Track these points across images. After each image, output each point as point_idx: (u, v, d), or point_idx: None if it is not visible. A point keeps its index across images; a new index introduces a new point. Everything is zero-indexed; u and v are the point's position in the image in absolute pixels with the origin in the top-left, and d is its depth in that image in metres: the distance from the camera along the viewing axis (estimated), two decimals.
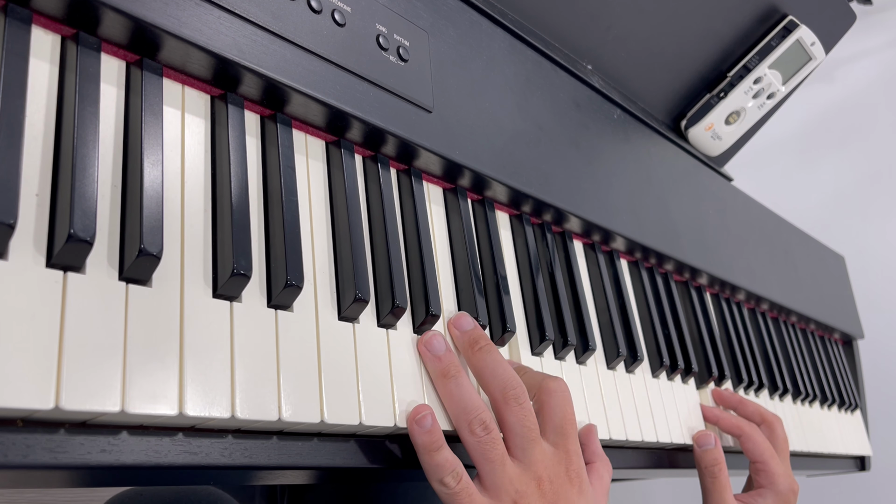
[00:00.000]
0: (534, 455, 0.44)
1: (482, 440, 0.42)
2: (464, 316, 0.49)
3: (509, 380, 0.45)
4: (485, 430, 0.43)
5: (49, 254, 0.31)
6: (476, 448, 0.43)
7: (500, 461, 0.43)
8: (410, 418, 0.42)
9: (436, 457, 0.41)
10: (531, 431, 0.44)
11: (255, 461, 0.37)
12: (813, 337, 1.07)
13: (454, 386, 0.44)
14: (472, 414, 0.43)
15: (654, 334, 0.69)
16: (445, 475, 0.41)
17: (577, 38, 0.71)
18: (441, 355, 0.45)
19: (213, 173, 0.39)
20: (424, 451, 0.41)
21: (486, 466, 0.43)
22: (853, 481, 1.42)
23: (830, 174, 1.84)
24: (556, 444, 0.46)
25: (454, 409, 0.44)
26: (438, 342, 0.45)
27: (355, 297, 0.41)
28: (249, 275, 0.36)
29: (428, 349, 0.45)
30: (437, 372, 0.45)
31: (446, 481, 0.41)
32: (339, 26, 0.45)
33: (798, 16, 0.85)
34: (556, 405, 0.47)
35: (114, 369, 0.30)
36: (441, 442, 0.42)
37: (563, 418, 0.47)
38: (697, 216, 0.80)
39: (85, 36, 0.35)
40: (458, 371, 0.45)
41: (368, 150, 0.49)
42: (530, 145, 0.59)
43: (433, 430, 0.42)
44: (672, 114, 0.86)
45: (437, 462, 0.41)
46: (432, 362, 0.45)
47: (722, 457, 0.66)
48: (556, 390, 0.47)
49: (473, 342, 0.47)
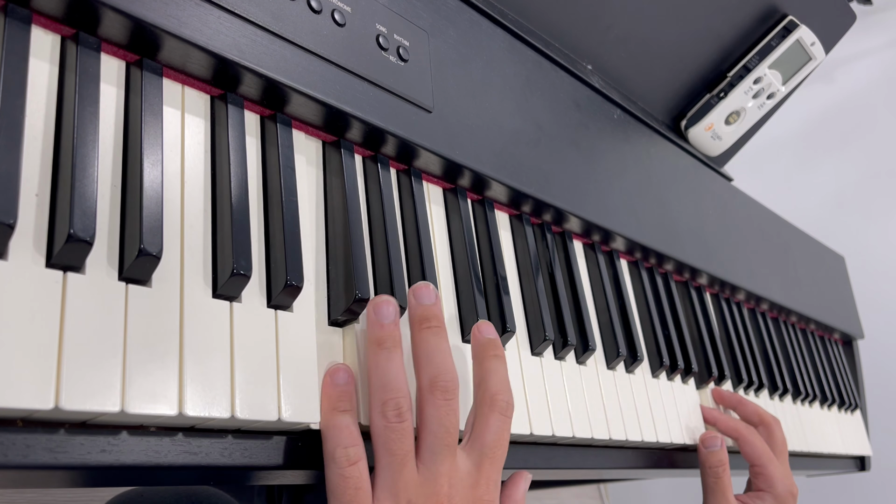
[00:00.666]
0: (443, 464, 0.39)
1: (391, 426, 0.37)
2: (427, 287, 0.43)
3: (445, 370, 0.40)
4: (398, 417, 0.37)
5: (49, 254, 0.31)
6: (381, 433, 0.37)
7: (402, 459, 0.37)
8: (326, 373, 0.38)
9: (338, 418, 0.37)
10: (448, 435, 0.39)
11: (255, 461, 0.37)
12: (813, 337, 1.07)
13: (384, 359, 0.39)
14: (389, 394, 0.38)
15: (654, 334, 0.69)
16: (340, 447, 0.36)
17: (577, 38, 0.71)
18: (385, 324, 0.40)
19: (213, 173, 0.39)
20: (328, 409, 0.37)
21: (384, 459, 0.37)
22: (853, 481, 1.42)
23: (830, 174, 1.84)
24: (476, 464, 0.40)
25: (374, 383, 0.39)
26: (388, 310, 0.40)
27: (355, 297, 0.41)
28: (249, 275, 0.36)
29: (375, 313, 0.40)
30: (373, 339, 0.40)
31: (337, 455, 0.36)
32: (339, 26, 0.45)
33: (798, 16, 0.85)
34: (497, 425, 0.41)
35: (113, 369, 0.30)
36: (350, 406, 0.37)
37: (497, 441, 0.41)
38: (697, 216, 0.80)
39: (85, 36, 0.35)
40: (394, 345, 0.39)
41: (368, 150, 0.49)
42: (530, 145, 0.59)
43: (345, 389, 0.37)
44: (672, 114, 0.86)
45: (336, 423, 0.36)
46: (373, 327, 0.40)
47: (726, 458, 0.66)
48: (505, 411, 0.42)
49: (424, 318, 0.42)
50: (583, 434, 0.55)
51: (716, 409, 0.73)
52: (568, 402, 0.55)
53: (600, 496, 1.90)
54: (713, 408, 0.73)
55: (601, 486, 1.89)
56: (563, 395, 0.55)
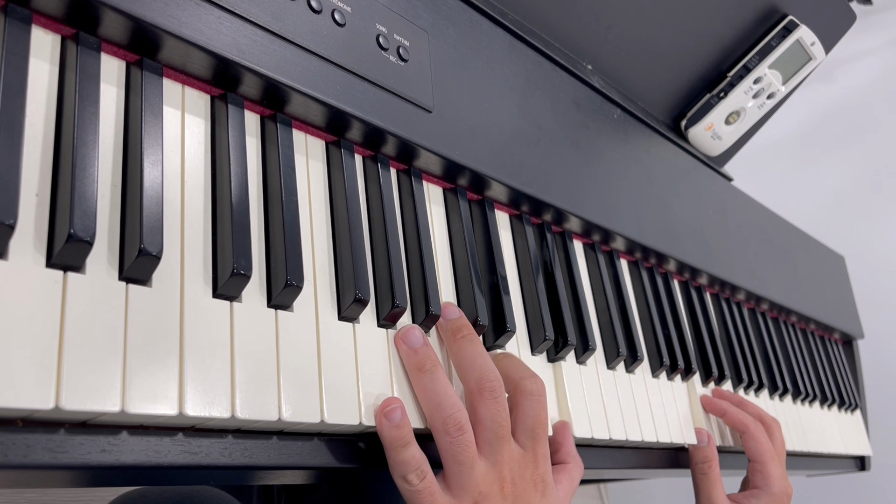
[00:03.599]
0: (501, 453, 0.43)
1: (455, 441, 0.41)
2: (450, 305, 0.48)
3: (487, 371, 0.44)
4: (459, 431, 0.41)
5: (49, 254, 0.31)
6: (448, 449, 0.41)
7: (470, 463, 0.42)
8: (379, 411, 0.40)
9: (403, 453, 0.40)
10: (502, 428, 0.43)
11: (255, 461, 0.37)
12: (813, 337, 1.07)
13: (429, 380, 0.42)
14: (447, 412, 0.42)
15: (654, 334, 0.69)
16: (410, 472, 0.40)
17: (577, 38, 0.71)
18: (418, 348, 0.43)
19: (213, 173, 0.39)
20: (391, 447, 0.40)
21: (454, 468, 0.42)
22: (853, 481, 1.42)
23: (830, 174, 1.84)
24: (525, 445, 0.45)
25: (428, 405, 0.42)
26: (415, 335, 0.44)
27: (355, 297, 0.41)
28: (249, 275, 0.36)
29: (405, 342, 0.44)
30: (412, 365, 0.43)
31: (409, 478, 0.40)
32: (339, 26, 0.45)
33: (798, 16, 0.85)
34: (531, 408, 0.46)
35: (114, 369, 0.30)
36: (409, 438, 0.40)
37: (535, 422, 0.46)
38: (697, 216, 0.80)
39: (85, 36, 0.35)
40: (434, 365, 0.43)
41: (368, 150, 0.49)
42: (530, 145, 0.59)
43: (402, 425, 0.40)
44: (672, 114, 0.86)
45: (403, 459, 0.40)
46: (408, 355, 0.43)
47: (714, 455, 0.66)
48: (532, 392, 0.46)
49: (457, 330, 0.46)
50: (583, 434, 0.55)
51: (723, 401, 0.73)
52: (568, 402, 0.55)
53: (600, 496, 1.90)
54: (722, 400, 0.73)
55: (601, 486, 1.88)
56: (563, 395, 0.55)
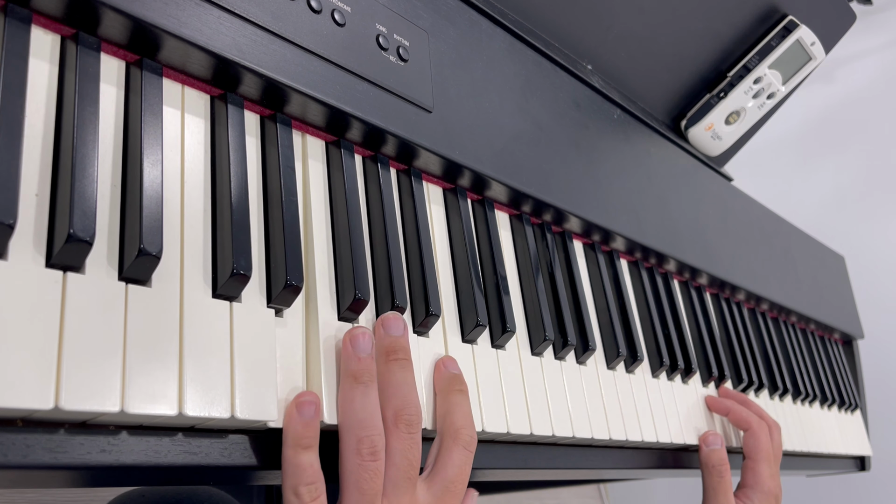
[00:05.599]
0: (404, 497, 0.39)
1: (364, 465, 0.37)
2: (397, 319, 0.43)
3: (410, 404, 0.40)
4: (372, 456, 0.37)
5: (49, 254, 0.31)
6: (353, 472, 0.37)
7: (371, 498, 0.37)
8: (292, 401, 0.37)
9: (301, 456, 0.36)
10: (411, 468, 0.39)
11: (255, 461, 0.37)
12: (813, 337, 1.07)
13: (360, 394, 0.39)
14: (365, 431, 0.38)
15: (654, 334, 0.69)
16: (302, 485, 0.36)
17: (577, 38, 0.71)
18: (362, 357, 0.40)
19: (213, 173, 0.39)
20: (292, 445, 0.36)
21: (353, 497, 0.37)
22: (853, 481, 1.42)
23: (830, 174, 1.84)
24: (436, 496, 0.41)
25: (349, 420, 0.38)
26: (365, 342, 0.40)
27: (355, 297, 0.41)
28: (249, 275, 0.36)
29: (352, 344, 0.40)
30: (349, 372, 0.39)
31: (300, 492, 0.35)
32: (339, 26, 0.45)
33: (798, 16, 0.85)
34: (461, 460, 0.42)
35: (113, 369, 0.30)
36: (314, 442, 0.36)
37: (457, 476, 0.41)
38: (697, 216, 0.80)
39: (85, 36, 0.35)
40: (371, 380, 0.39)
41: (368, 150, 0.49)
42: (530, 145, 0.59)
43: (311, 424, 0.36)
44: (672, 114, 0.86)
45: (300, 463, 0.36)
46: (349, 359, 0.39)
47: (726, 457, 0.66)
48: (468, 446, 0.42)
49: (392, 350, 0.42)
50: (583, 434, 0.55)
51: (726, 399, 0.73)
52: (568, 402, 0.55)
53: (600, 496, 1.90)
54: (726, 398, 0.74)
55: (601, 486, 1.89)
56: (563, 395, 0.55)
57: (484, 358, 0.50)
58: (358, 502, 0.37)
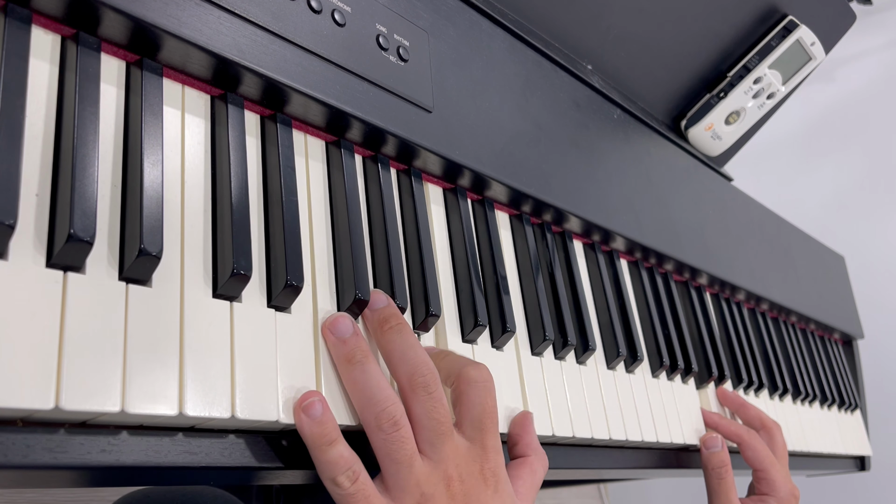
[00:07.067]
0: (444, 450, 0.39)
1: (389, 437, 0.37)
2: (377, 292, 0.43)
3: (420, 365, 0.40)
4: (393, 426, 0.37)
5: (49, 254, 0.31)
6: (382, 446, 0.38)
7: (408, 462, 0.38)
8: (296, 406, 0.36)
9: (329, 452, 0.36)
10: (441, 424, 0.39)
11: (255, 461, 0.37)
12: (813, 337, 1.07)
13: (359, 373, 0.38)
14: (378, 406, 0.38)
15: (654, 334, 0.69)
16: (339, 474, 0.36)
17: (577, 38, 0.71)
18: (347, 338, 0.39)
19: (213, 173, 0.39)
20: (315, 446, 0.36)
21: (391, 467, 0.38)
22: (853, 481, 1.42)
23: (830, 174, 1.84)
24: (472, 438, 0.41)
25: (360, 400, 0.38)
26: (344, 324, 0.40)
27: (355, 297, 0.41)
28: (249, 275, 0.36)
29: (332, 332, 0.40)
30: (340, 357, 0.39)
31: (340, 481, 0.36)
32: (339, 26, 0.45)
33: (798, 16, 0.85)
34: (476, 396, 0.42)
35: (114, 369, 0.30)
36: (334, 435, 0.36)
37: (482, 411, 0.42)
38: (697, 216, 0.80)
39: (85, 36, 0.35)
40: (364, 356, 0.39)
41: (368, 150, 0.49)
42: (530, 145, 0.59)
43: (324, 421, 0.36)
44: (672, 114, 0.86)
45: (329, 459, 0.36)
46: (336, 346, 0.39)
47: (728, 458, 0.66)
48: (476, 380, 0.42)
49: (384, 320, 0.41)
50: (583, 434, 0.55)
51: (717, 412, 0.73)
52: (568, 402, 0.55)
53: (600, 496, 1.90)
54: (714, 412, 0.73)
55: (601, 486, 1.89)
56: (563, 395, 0.55)
57: (484, 358, 0.50)
58: (397, 472, 0.38)
